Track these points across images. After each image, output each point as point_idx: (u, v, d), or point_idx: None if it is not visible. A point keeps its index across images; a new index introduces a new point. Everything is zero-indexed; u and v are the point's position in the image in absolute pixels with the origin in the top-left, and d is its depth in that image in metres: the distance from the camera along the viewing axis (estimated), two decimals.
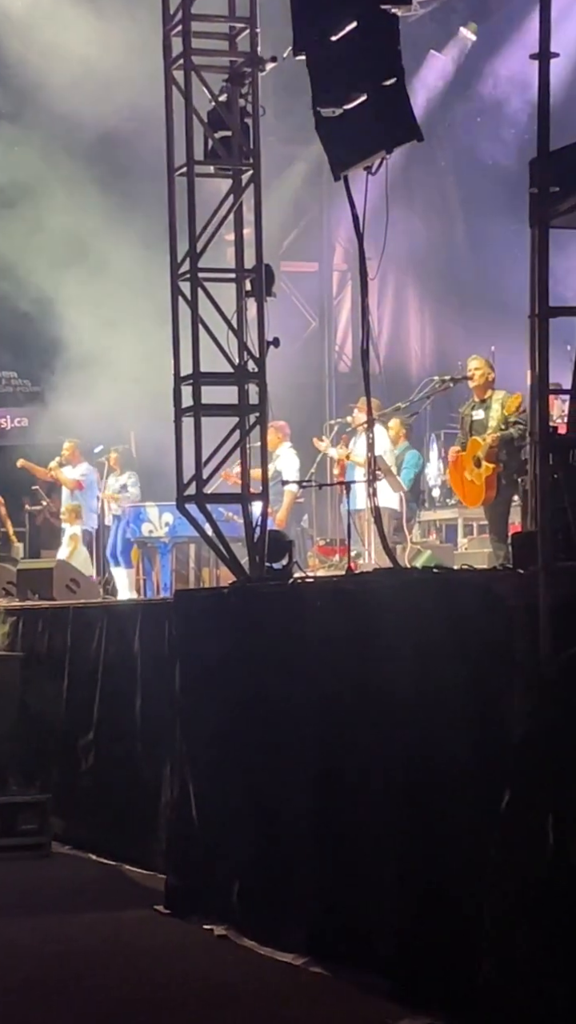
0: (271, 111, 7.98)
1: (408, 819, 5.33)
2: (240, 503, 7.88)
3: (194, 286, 7.58)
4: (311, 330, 18.12)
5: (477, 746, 5.02)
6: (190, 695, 7.12)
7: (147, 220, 12.12)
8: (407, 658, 5.39)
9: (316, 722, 5.99)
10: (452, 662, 5.17)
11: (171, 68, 7.75)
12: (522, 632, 4.83)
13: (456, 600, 5.25)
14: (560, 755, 4.60)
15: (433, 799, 5.20)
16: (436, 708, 5.22)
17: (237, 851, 6.56)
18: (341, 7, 6.51)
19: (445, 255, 16.70)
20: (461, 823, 5.07)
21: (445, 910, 5.11)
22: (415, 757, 5.32)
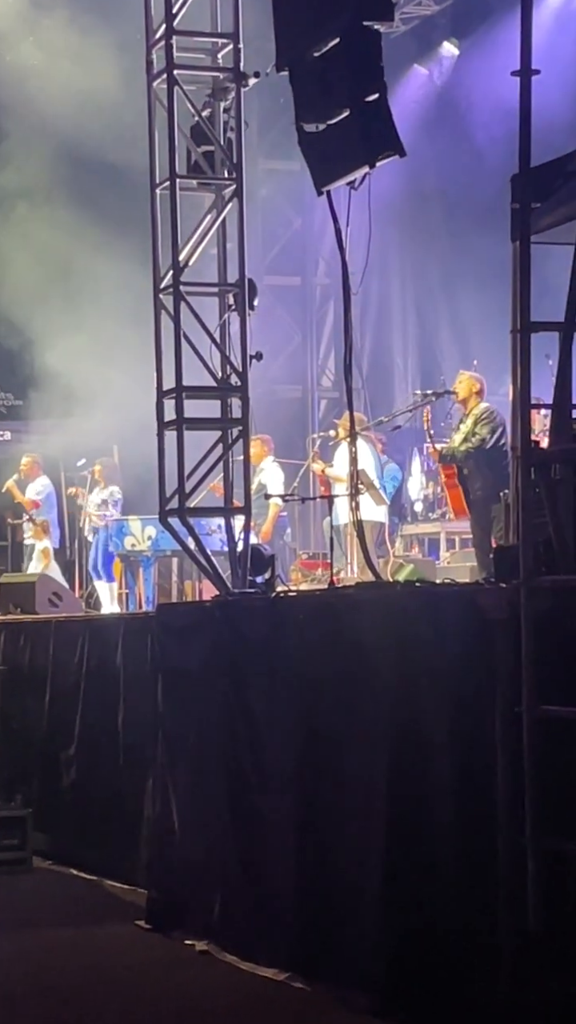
0: (254, 126, 8.01)
1: (390, 834, 5.33)
2: (223, 517, 7.87)
3: (177, 300, 7.58)
4: (294, 344, 18.14)
5: (460, 761, 5.03)
6: (172, 709, 7.10)
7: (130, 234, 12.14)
8: (389, 672, 5.39)
9: (298, 736, 5.98)
10: (434, 676, 5.17)
11: (154, 83, 7.77)
12: (504, 646, 4.84)
13: (438, 614, 5.25)
14: (544, 773, 4.61)
15: (416, 814, 5.20)
16: (419, 722, 5.22)
17: (219, 866, 6.54)
18: (324, 23, 6.54)
19: (428, 268, 16.74)
20: (444, 839, 5.07)
21: (427, 926, 5.10)
22: (398, 771, 5.31)
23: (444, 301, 16.54)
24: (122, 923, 7.03)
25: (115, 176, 13.93)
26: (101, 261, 14.28)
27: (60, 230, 14.53)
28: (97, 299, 14.29)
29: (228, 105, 7.78)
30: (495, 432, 9.66)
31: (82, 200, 14.81)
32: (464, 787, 4.98)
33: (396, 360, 17.60)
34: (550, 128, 5.13)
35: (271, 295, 16.91)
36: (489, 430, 9.64)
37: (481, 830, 4.87)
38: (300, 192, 16.50)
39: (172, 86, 7.58)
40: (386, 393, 16.54)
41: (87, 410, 14.25)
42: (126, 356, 12.21)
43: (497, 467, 9.67)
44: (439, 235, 16.27)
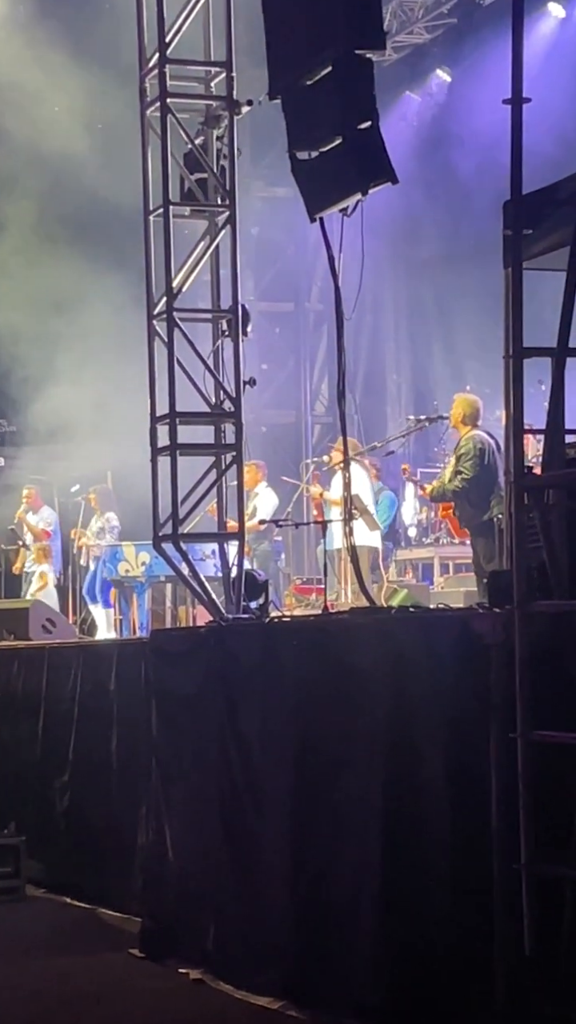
0: (247, 152, 8.06)
1: (386, 860, 5.31)
2: (216, 542, 7.87)
3: (170, 326, 7.61)
4: (287, 370, 18.20)
5: (455, 786, 5.01)
6: (166, 735, 7.09)
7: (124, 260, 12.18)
8: (383, 697, 5.38)
9: (292, 762, 5.97)
10: (428, 701, 5.16)
11: (147, 111, 7.82)
12: (498, 671, 4.83)
13: (432, 639, 5.25)
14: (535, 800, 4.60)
15: (410, 839, 5.18)
16: (413, 748, 5.21)
17: (213, 893, 6.51)
18: (316, 52, 6.59)
19: (421, 294, 16.82)
20: (439, 864, 5.05)
21: (422, 952, 5.08)
22: (392, 797, 5.30)
23: (437, 326, 16.62)
24: (116, 951, 6.99)
25: (108, 203, 13.99)
26: (95, 287, 14.33)
27: (53, 256, 14.59)
28: (91, 325, 14.33)
29: (221, 133, 7.83)
30: (477, 465, 9.67)
31: (75, 227, 14.88)
32: (459, 812, 4.97)
33: (389, 386, 17.67)
34: (542, 155, 5.17)
35: (264, 321, 16.98)
36: (471, 465, 9.65)
37: (476, 855, 4.85)
38: (293, 219, 16.58)
39: (165, 114, 7.63)
40: (380, 418, 16.60)
41: (81, 436, 14.27)
42: (120, 382, 12.25)
43: (486, 488, 9.66)
44: (432, 261, 16.35)
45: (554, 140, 11.72)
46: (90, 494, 13.73)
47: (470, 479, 9.68)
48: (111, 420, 13.32)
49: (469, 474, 9.68)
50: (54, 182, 14.83)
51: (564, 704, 4.69)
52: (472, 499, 9.76)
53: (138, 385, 8.06)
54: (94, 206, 14.76)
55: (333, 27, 6.50)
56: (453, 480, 9.84)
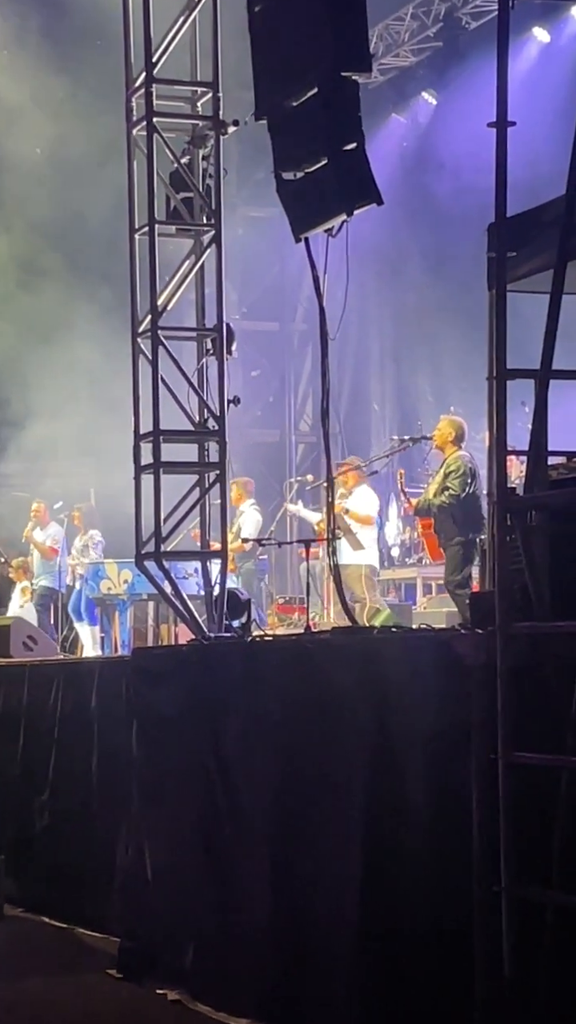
0: (233, 172, 8.10)
1: (366, 881, 5.29)
2: (199, 560, 7.87)
3: (155, 344, 7.61)
4: (272, 389, 18.23)
5: (436, 807, 5.01)
6: (147, 754, 7.06)
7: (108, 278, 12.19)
8: (365, 717, 5.37)
9: (273, 782, 5.95)
10: (410, 722, 5.16)
11: (133, 130, 7.84)
12: (479, 692, 4.83)
13: (414, 660, 5.25)
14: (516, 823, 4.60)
15: (392, 861, 5.17)
16: (394, 768, 5.20)
17: (192, 914, 6.48)
18: (302, 73, 6.62)
19: (406, 315, 16.87)
20: (419, 886, 5.04)
21: (402, 973, 5.06)
22: (373, 819, 5.29)
23: (422, 347, 16.67)
24: (93, 972, 6.95)
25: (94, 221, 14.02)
26: (80, 305, 14.34)
27: (38, 275, 14.60)
28: (76, 343, 14.34)
29: (207, 152, 7.86)
30: (465, 484, 9.71)
31: (59, 245, 14.91)
32: (439, 833, 4.96)
33: (374, 405, 17.72)
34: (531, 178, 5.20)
35: (249, 340, 17.01)
36: (459, 483, 9.70)
37: (456, 877, 4.84)
38: (278, 239, 16.66)
39: (152, 133, 7.65)
40: (364, 438, 16.63)
41: (64, 453, 14.27)
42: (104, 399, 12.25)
43: (471, 513, 9.70)
44: (416, 282, 16.41)
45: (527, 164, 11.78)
46: (74, 512, 13.70)
47: (458, 495, 9.71)
48: (95, 438, 13.32)
49: (458, 490, 9.71)
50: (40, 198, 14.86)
51: (545, 726, 4.69)
52: (457, 516, 9.79)
53: (122, 403, 8.07)
54: (80, 224, 14.79)
55: (320, 49, 6.54)
56: (440, 495, 9.87)
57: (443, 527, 10.01)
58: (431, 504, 10.03)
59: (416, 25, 15.34)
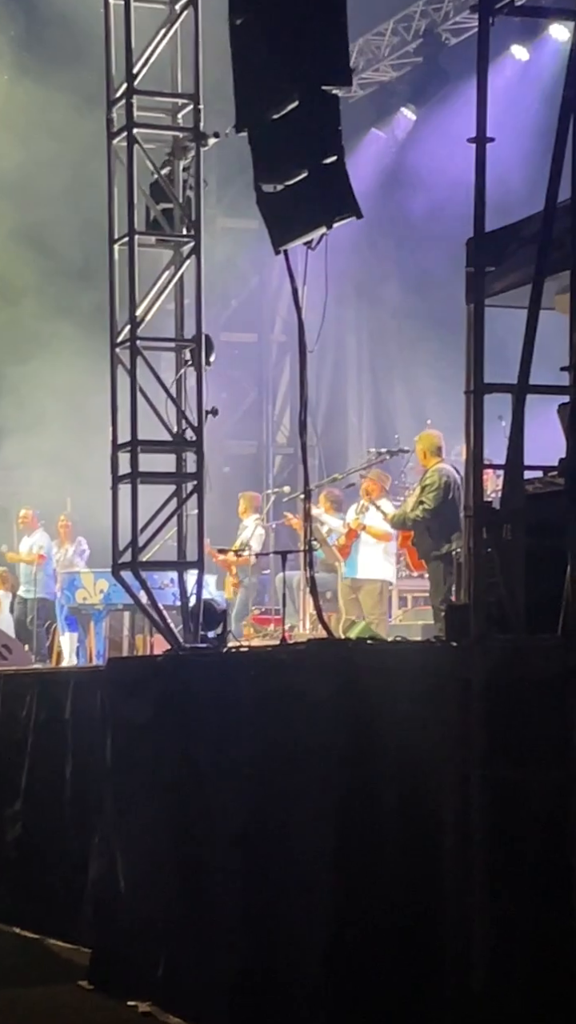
0: (213, 184, 8.11)
1: (338, 894, 5.29)
2: (176, 571, 7.86)
3: (133, 354, 7.61)
4: (250, 400, 18.25)
5: (410, 820, 5.01)
6: (121, 764, 7.04)
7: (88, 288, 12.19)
8: (340, 730, 5.37)
9: (247, 794, 5.94)
10: (385, 734, 5.16)
11: (113, 140, 7.84)
12: (455, 705, 4.84)
13: (389, 672, 5.26)
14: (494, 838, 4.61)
15: (364, 874, 5.17)
16: (369, 781, 5.20)
17: (164, 925, 6.46)
18: (283, 86, 6.64)
19: (384, 328, 16.92)
20: (393, 899, 5.04)
21: (374, 988, 5.06)
22: (347, 831, 5.29)
23: (399, 360, 16.72)
24: (64, 983, 6.92)
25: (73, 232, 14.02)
26: (58, 314, 14.33)
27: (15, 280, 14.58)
28: (54, 352, 14.32)
29: (187, 164, 7.87)
30: (439, 498, 9.75)
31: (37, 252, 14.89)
32: (413, 847, 4.97)
33: (351, 418, 17.75)
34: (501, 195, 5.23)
35: (228, 351, 17.03)
36: (434, 497, 9.75)
37: (429, 890, 4.85)
38: (257, 250, 16.68)
39: (132, 144, 7.66)
40: (341, 450, 16.66)
41: (40, 462, 14.23)
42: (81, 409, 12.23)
43: (446, 526, 9.72)
44: (395, 295, 16.47)
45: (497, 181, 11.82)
46: (60, 521, 13.66)
47: (432, 510, 9.76)
48: (72, 446, 13.30)
49: (431, 505, 9.76)
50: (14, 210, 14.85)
51: (520, 740, 4.70)
52: (432, 530, 9.82)
53: (101, 413, 8.06)
54: (59, 232, 14.78)
55: (300, 62, 6.56)
56: (415, 509, 9.92)
57: (420, 541, 10.05)
58: (407, 518, 10.07)
59: (396, 40, 15.41)
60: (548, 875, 4.60)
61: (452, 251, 7.21)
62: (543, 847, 4.61)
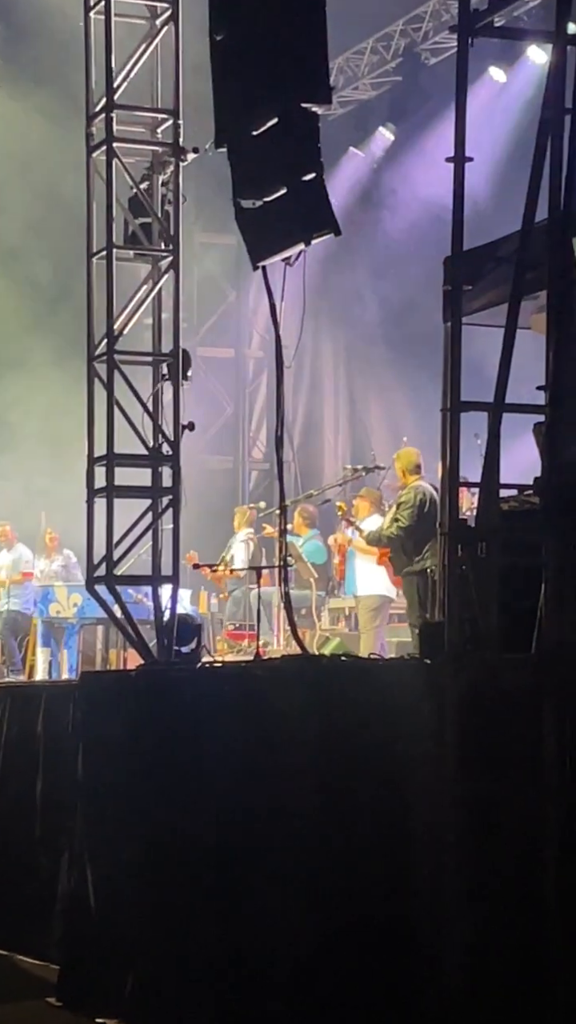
0: (191, 199, 8.10)
1: (311, 908, 5.27)
2: (150, 585, 7.84)
3: (110, 368, 7.60)
4: (226, 415, 18.24)
5: (385, 834, 5.00)
6: (93, 780, 7.00)
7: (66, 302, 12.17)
8: (314, 746, 5.36)
9: (221, 810, 5.92)
10: (359, 750, 5.16)
11: (93, 154, 7.84)
12: (428, 722, 4.84)
13: (363, 688, 5.25)
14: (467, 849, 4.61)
15: (340, 884, 5.15)
16: (343, 797, 5.19)
17: (133, 943, 6.42)
18: (263, 103, 6.66)
19: (361, 345, 16.96)
20: (367, 912, 5.03)
21: (352, 1000, 5.04)
22: (320, 845, 5.27)
23: (376, 377, 16.75)
24: (32, 999, 6.86)
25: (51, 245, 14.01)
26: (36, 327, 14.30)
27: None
28: (31, 364, 14.29)
29: (166, 178, 7.87)
30: (413, 516, 9.77)
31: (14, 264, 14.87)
32: (389, 861, 4.96)
33: (327, 434, 17.75)
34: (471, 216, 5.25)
35: (205, 366, 17.03)
36: (408, 514, 9.78)
37: (403, 905, 4.84)
38: (236, 266, 16.71)
39: (111, 158, 7.66)
40: (317, 466, 16.66)
41: (14, 474, 14.18)
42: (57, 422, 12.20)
43: (422, 542, 9.72)
44: (372, 313, 16.52)
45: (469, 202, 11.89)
46: (47, 534, 13.58)
47: (406, 528, 9.78)
48: (47, 460, 13.26)
49: (405, 523, 9.78)
50: None
51: (493, 756, 4.71)
52: (407, 547, 9.84)
53: (77, 426, 8.05)
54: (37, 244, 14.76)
55: (280, 79, 6.58)
56: (390, 527, 9.94)
57: (396, 558, 10.07)
58: (382, 535, 10.09)
59: (376, 59, 15.48)
60: (521, 890, 4.60)
61: (429, 269, 7.23)
62: (516, 862, 4.61)
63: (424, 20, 14.69)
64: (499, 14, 5.39)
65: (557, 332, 4.78)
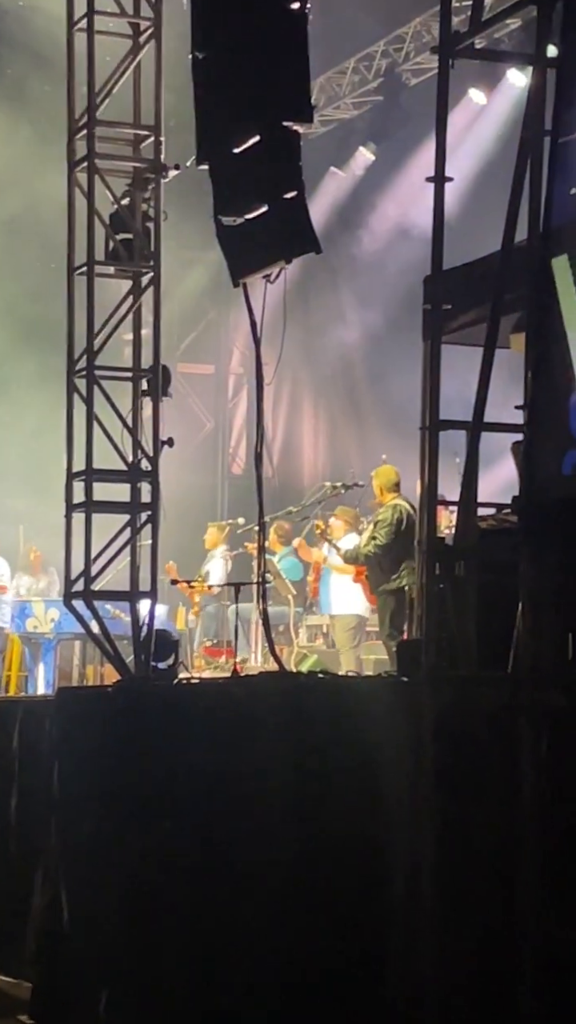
0: (172, 215, 8.12)
1: (289, 925, 5.26)
2: (128, 600, 7.82)
3: (90, 384, 7.60)
4: (206, 432, 18.24)
5: (358, 855, 5.00)
6: (68, 796, 6.97)
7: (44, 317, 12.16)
8: (290, 762, 5.36)
9: (198, 827, 5.90)
10: (335, 768, 5.15)
11: (74, 170, 7.85)
12: (405, 740, 4.84)
13: (340, 706, 5.25)
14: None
15: (315, 903, 5.14)
16: (319, 815, 5.19)
17: (107, 959, 6.38)
18: (245, 121, 6.69)
19: (340, 364, 17.00)
20: (345, 930, 5.02)
21: (328, 1019, 5.03)
22: (297, 864, 5.26)
23: (355, 395, 16.80)
24: (5, 1017, 6.82)
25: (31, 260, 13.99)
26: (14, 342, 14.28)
27: None
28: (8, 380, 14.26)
29: (148, 195, 7.89)
30: (390, 534, 9.79)
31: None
32: (364, 880, 4.95)
33: (306, 451, 17.78)
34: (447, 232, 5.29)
35: (184, 382, 17.02)
36: (385, 533, 9.81)
37: (377, 923, 4.83)
38: (216, 282, 16.71)
39: (92, 174, 7.67)
40: (296, 483, 16.67)
41: None
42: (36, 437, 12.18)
43: (398, 561, 9.74)
44: (352, 330, 16.57)
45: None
46: (32, 552, 13.52)
47: (382, 546, 9.80)
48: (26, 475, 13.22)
49: (382, 541, 9.81)
50: None
51: (469, 775, 4.71)
52: (384, 565, 9.87)
53: (56, 441, 8.03)
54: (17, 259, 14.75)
55: (262, 98, 6.61)
56: (367, 545, 9.97)
57: (372, 575, 10.09)
58: (359, 553, 10.12)
59: (358, 79, 15.55)
60: (496, 910, 4.60)
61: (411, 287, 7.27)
62: (490, 882, 4.61)
63: (405, 41, 14.77)
64: (480, 36, 5.43)
65: (535, 351, 4.81)
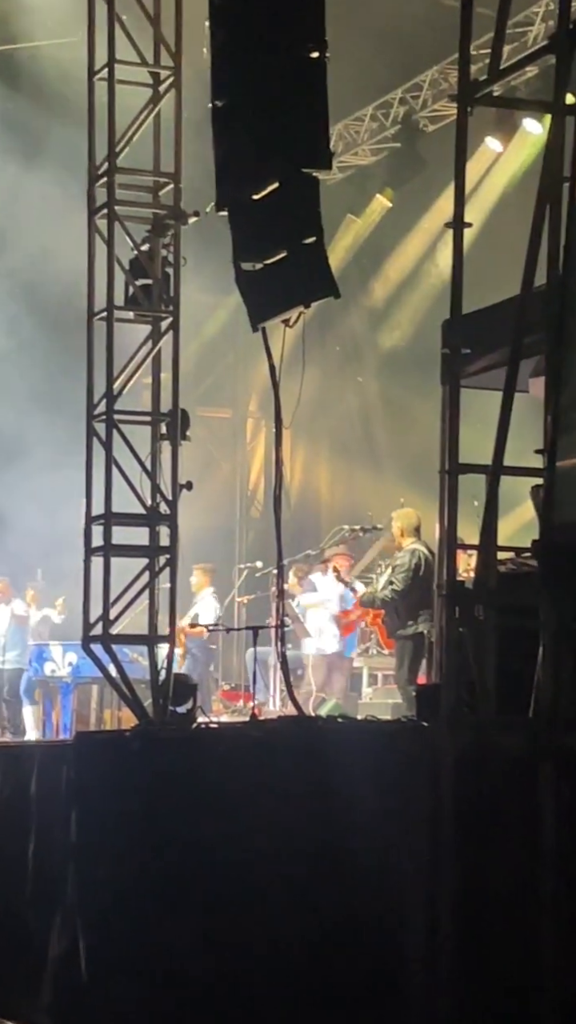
0: (191, 260, 8.17)
1: (307, 976, 5.21)
2: (146, 645, 7.81)
3: (109, 427, 7.63)
4: (224, 475, 18.27)
5: (377, 898, 4.96)
6: (86, 841, 6.94)
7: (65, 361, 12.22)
8: (309, 806, 5.33)
9: (216, 873, 5.86)
10: (354, 812, 5.12)
11: (94, 217, 7.93)
12: (424, 784, 4.81)
13: (359, 750, 5.22)
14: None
15: (336, 948, 5.10)
16: (337, 857, 5.15)
17: (125, 1008, 6.33)
18: (264, 168, 6.75)
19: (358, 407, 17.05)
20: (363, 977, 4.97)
21: None
22: (318, 908, 5.22)
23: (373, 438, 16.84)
24: None
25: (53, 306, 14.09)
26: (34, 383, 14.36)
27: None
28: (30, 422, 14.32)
29: (167, 241, 7.95)
30: (408, 579, 9.78)
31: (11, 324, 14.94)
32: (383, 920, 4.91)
33: (324, 494, 17.79)
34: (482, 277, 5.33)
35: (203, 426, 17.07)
36: (403, 578, 9.79)
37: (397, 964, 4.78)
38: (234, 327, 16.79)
39: (112, 221, 7.74)
40: (314, 527, 16.66)
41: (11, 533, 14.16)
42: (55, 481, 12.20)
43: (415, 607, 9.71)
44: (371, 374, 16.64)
45: None
46: (28, 591, 13.55)
47: (399, 591, 9.78)
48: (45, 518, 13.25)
49: (400, 586, 9.78)
50: None
51: (489, 819, 4.68)
52: (400, 610, 9.84)
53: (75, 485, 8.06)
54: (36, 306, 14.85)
55: (281, 144, 6.67)
56: (384, 589, 9.94)
57: (388, 620, 10.07)
58: (376, 597, 10.10)
59: (375, 126, 15.69)
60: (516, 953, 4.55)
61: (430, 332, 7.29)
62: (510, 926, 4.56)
63: (423, 88, 14.90)
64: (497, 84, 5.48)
65: (554, 395, 4.81)
